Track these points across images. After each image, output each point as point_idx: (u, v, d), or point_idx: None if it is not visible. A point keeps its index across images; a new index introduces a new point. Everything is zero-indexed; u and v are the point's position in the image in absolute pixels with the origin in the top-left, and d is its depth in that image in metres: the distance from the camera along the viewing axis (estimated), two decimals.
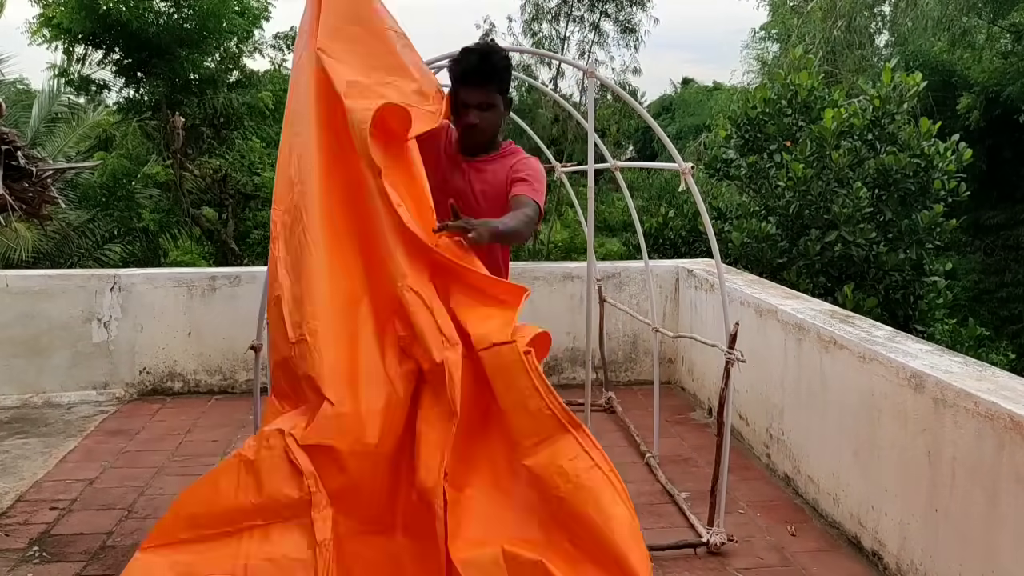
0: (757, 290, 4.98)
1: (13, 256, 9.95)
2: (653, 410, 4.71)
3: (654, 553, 3.57)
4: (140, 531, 3.77)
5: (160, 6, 13.62)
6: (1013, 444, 2.70)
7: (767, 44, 22.19)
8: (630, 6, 22.04)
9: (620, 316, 5.82)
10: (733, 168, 8.46)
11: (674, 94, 38.93)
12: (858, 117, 7.51)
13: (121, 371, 5.74)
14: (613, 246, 18.67)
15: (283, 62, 16.68)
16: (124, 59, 13.88)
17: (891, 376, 3.39)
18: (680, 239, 9.15)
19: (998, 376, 3.13)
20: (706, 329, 5.32)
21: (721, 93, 27.43)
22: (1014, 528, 2.71)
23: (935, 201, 7.33)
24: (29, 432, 5.05)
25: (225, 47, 14.94)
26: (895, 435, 3.37)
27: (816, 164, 7.48)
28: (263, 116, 14.99)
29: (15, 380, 5.60)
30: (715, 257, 3.71)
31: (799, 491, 4.23)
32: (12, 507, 4.01)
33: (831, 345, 3.89)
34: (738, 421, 4.93)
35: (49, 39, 13.80)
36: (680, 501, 4.08)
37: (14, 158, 3.35)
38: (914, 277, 7.44)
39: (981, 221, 16.03)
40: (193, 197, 13.56)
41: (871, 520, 3.55)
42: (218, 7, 13.73)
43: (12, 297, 5.59)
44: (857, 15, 18.26)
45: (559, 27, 21.75)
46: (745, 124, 8.33)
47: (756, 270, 7.41)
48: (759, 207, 8.21)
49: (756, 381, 4.69)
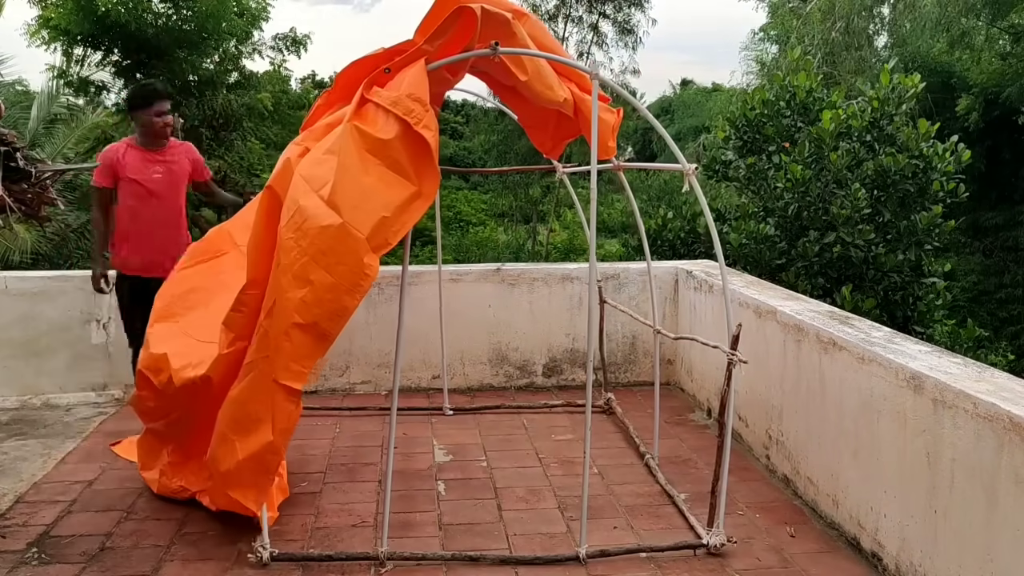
0: (756, 291, 4.98)
1: (12, 257, 9.95)
2: (653, 411, 4.71)
3: (654, 554, 3.58)
4: (140, 532, 3.77)
5: (159, 7, 13.62)
6: (1012, 445, 2.71)
7: (766, 45, 22.23)
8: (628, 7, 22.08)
9: (619, 317, 5.83)
10: (732, 169, 8.46)
11: (673, 95, 39.01)
12: (856, 118, 7.52)
13: (120, 372, 5.72)
14: (612, 247, 18.69)
15: (282, 63, 16.68)
16: (123, 60, 13.89)
17: (890, 377, 3.39)
18: (679, 240, 9.15)
19: (997, 377, 3.13)
20: (705, 330, 5.33)
21: (720, 94, 27.50)
22: (1013, 529, 2.71)
23: (934, 202, 7.33)
24: (28, 433, 5.04)
25: (224, 48, 14.94)
26: (894, 436, 3.37)
27: (815, 165, 7.49)
28: (262, 117, 15.00)
29: (14, 381, 5.60)
30: (718, 258, 3.71)
31: (798, 492, 4.23)
32: (11, 508, 4.01)
33: (830, 346, 3.90)
34: (737, 422, 4.93)
35: (48, 40, 13.80)
36: (679, 502, 4.08)
37: (13, 159, 3.35)
38: (913, 278, 7.45)
39: (980, 222, 16.06)
40: (192, 198, 13.55)
41: (870, 521, 3.55)
42: (217, 8, 13.73)
43: (11, 298, 5.59)
44: (856, 16, 18.29)
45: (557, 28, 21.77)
46: (744, 125, 8.34)
47: (755, 271, 7.41)
48: (758, 208, 8.21)
49: (755, 382, 4.70)
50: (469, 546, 3.64)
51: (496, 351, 6.03)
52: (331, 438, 5.03)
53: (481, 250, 25.41)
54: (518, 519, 3.94)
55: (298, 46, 16.52)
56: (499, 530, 3.82)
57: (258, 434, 3.32)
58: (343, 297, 3.15)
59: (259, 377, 3.30)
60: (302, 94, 18.46)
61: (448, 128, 32.44)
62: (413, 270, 5.57)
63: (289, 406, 3.26)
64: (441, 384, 5.63)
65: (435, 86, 3.40)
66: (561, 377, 6.09)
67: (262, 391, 3.29)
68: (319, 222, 3.10)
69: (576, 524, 3.78)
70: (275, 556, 3.47)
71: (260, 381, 3.30)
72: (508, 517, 3.96)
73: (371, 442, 4.96)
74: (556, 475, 4.48)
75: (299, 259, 3.12)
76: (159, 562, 3.51)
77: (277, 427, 3.28)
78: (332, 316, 3.17)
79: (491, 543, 3.69)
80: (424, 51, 3.38)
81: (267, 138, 14.91)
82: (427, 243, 22.66)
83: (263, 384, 3.28)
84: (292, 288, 3.12)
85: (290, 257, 3.13)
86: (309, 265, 3.11)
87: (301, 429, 4.46)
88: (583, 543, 3.53)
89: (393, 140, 3.22)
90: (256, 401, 3.32)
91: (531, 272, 6.10)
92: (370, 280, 3.16)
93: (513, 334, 6.03)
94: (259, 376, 3.30)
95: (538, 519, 3.94)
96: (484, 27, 3.37)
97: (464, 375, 6.01)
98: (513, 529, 3.83)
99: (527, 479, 4.42)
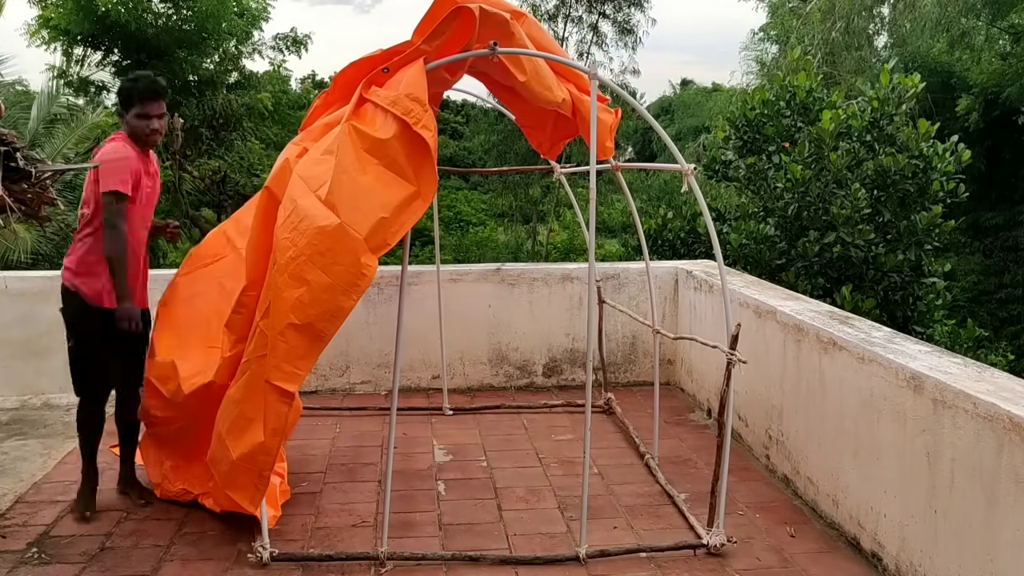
0: (756, 291, 4.98)
1: (12, 257, 9.95)
2: (653, 411, 4.71)
3: (654, 554, 3.58)
4: (140, 532, 3.77)
5: (159, 7, 13.62)
6: (1012, 445, 2.71)
7: (766, 45, 22.21)
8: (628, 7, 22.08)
9: (619, 317, 5.83)
10: (732, 169, 8.46)
11: (673, 96, 38.99)
12: (856, 118, 7.52)
13: None
14: (612, 247, 18.68)
15: (282, 63, 16.67)
16: (123, 60, 13.88)
17: (890, 377, 3.39)
18: (679, 240, 9.15)
19: (997, 377, 3.13)
20: (705, 330, 5.33)
21: (720, 94, 27.48)
22: (1013, 529, 2.71)
23: (934, 202, 7.33)
24: (28, 433, 5.04)
25: (224, 48, 14.94)
26: (894, 436, 3.37)
27: (815, 165, 7.49)
28: (262, 117, 14.99)
29: (14, 381, 5.60)
30: (717, 258, 3.71)
31: (798, 492, 4.23)
32: (11, 508, 4.01)
33: (830, 346, 3.90)
34: (737, 422, 4.93)
35: (48, 40, 13.80)
36: (679, 502, 4.08)
37: (13, 159, 3.34)
38: (913, 278, 7.44)
39: (980, 222, 16.06)
40: (192, 198, 13.57)
41: (870, 521, 3.55)
42: (217, 8, 13.73)
43: (11, 299, 5.59)
44: (856, 16, 18.28)
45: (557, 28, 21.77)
46: (744, 125, 8.34)
47: (755, 271, 7.41)
48: (758, 208, 8.21)
49: (755, 382, 4.70)
50: (469, 546, 3.64)
51: (496, 351, 6.03)
52: (331, 438, 5.03)
53: (481, 250, 25.40)
54: (518, 519, 3.94)
55: (298, 46, 16.52)
56: (499, 530, 3.82)
57: (250, 434, 3.32)
58: (339, 298, 3.14)
59: (253, 377, 3.30)
60: (302, 94, 18.47)
61: (448, 128, 32.41)
62: (413, 270, 5.57)
63: (281, 407, 3.23)
64: (441, 384, 5.63)
65: (434, 86, 3.41)
66: (561, 377, 6.09)
67: (255, 391, 3.29)
68: (316, 222, 3.10)
69: (576, 524, 3.78)
70: (275, 556, 3.47)
71: (254, 381, 3.30)
72: (508, 517, 3.96)
73: (371, 442, 4.96)
74: (556, 475, 4.48)
75: (296, 259, 3.12)
76: (159, 562, 3.51)
77: (268, 427, 3.27)
78: (328, 316, 3.16)
79: (491, 543, 3.69)
80: (422, 51, 3.38)
81: (267, 138, 14.91)
82: (427, 243, 22.65)
83: (256, 384, 3.28)
84: (288, 288, 3.12)
85: (286, 257, 3.13)
86: (306, 265, 3.10)
87: (301, 429, 4.46)
88: (583, 543, 3.53)
89: (391, 140, 3.21)
90: (249, 401, 3.32)
91: (531, 272, 6.10)
92: (367, 281, 3.16)
93: (513, 334, 6.03)
94: (253, 376, 3.31)
95: (538, 519, 3.94)
96: (482, 27, 3.37)
97: (464, 375, 6.01)
98: (513, 529, 3.83)
99: (527, 479, 4.42)
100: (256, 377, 3.28)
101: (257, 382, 3.27)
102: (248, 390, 3.33)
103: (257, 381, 3.27)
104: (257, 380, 3.27)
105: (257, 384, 3.27)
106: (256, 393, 3.28)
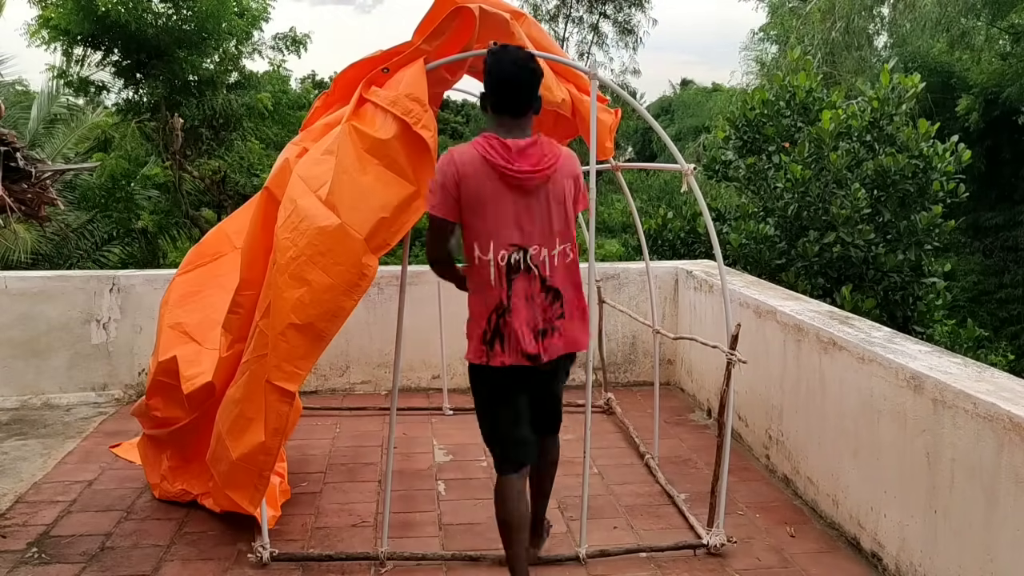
0: (756, 291, 4.98)
1: (12, 257, 9.95)
2: (652, 411, 4.71)
3: (654, 554, 3.58)
4: (139, 532, 3.77)
5: (159, 7, 13.61)
6: (1012, 445, 2.71)
7: (766, 45, 22.21)
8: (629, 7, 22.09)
9: (619, 317, 5.82)
10: (732, 169, 8.46)
11: (673, 95, 38.96)
12: (856, 118, 7.51)
13: (120, 372, 5.73)
14: (612, 247, 18.65)
15: (282, 63, 16.65)
16: (123, 60, 13.85)
17: (890, 377, 3.39)
18: (679, 240, 9.14)
19: (997, 377, 3.14)
20: (705, 330, 5.32)
21: (720, 94, 27.46)
22: (1013, 529, 2.71)
23: (934, 202, 7.32)
24: (28, 433, 5.04)
25: (224, 48, 14.91)
26: (894, 436, 3.37)
27: (814, 165, 7.48)
28: (262, 117, 14.96)
29: (14, 381, 5.60)
30: (717, 258, 3.71)
31: (798, 492, 4.23)
32: (11, 508, 4.01)
33: (830, 346, 3.90)
34: (737, 422, 4.93)
35: (48, 40, 13.77)
36: (679, 502, 4.08)
37: (13, 159, 3.35)
38: (913, 278, 7.44)
39: (980, 222, 16.04)
40: (192, 198, 13.54)
41: (870, 521, 3.55)
42: (217, 8, 13.70)
43: (11, 299, 5.59)
44: (856, 16, 18.29)
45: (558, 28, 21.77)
46: (743, 125, 8.33)
47: (755, 271, 7.41)
48: (758, 208, 8.21)
49: (755, 382, 4.70)
50: (469, 546, 3.64)
51: None
52: (331, 438, 5.03)
53: None
54: None
55: (298, 46, 16.49)
56: None
57: (250, 434, 3.31)
58: (340, 298, 3.14)
59: (253, 377, 3.30)
60: (302, 94, 18.43)
61: (448, 128, 32.37)
62: (413, 270, 5.55)
63: (282, 407, 3.23)
64: (441, 384, 5.63)
65: (434, 86, 3.41)
66: None
67: (255, 391, 3.28)
68: (317, 222, 3.10)
69: (576, 524, 3.78)
70: (275, 556, 3.47)
71: (254, 381, 3.30)
72: None
73: (371, 442, 4.95)
74: (556, 475, 4.47)
75: (296, 259, 3.12)
76: (159, 562, 3.51)
77: (269, 427, 3.26)
78: (329, 316, 3.16)
79: (491, 543, 3.68)
80: (422, 51, 3.38)
81: (267, 138, 14.87)
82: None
83: (257, 384, 3.28)
84: (289, 288, 3.12)
85: (287, 257, 3.13)
86: (306, 265, 3.10)
87: (301, 429, 4.46)
88: (583, 543, 3.53)
89: (392, 140, 3.21)
90: (249, 401, 3.32)
91: None
92: (368, 281, 3.16)
93: None
94: (253, 376, 3.30)
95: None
96: (482, 27, 3.37)
97: (464, 375, 5.98)
98: None
99: None
100: (256, 377, 3.28)
101: (257, 382, 3.27)
102: (248, 390, 3.33)
103: (257, 381, 3.27)
104: (257, 380, 3.27)
105: (257, 384, 3.27)
106: (256, 393, 3.28)
